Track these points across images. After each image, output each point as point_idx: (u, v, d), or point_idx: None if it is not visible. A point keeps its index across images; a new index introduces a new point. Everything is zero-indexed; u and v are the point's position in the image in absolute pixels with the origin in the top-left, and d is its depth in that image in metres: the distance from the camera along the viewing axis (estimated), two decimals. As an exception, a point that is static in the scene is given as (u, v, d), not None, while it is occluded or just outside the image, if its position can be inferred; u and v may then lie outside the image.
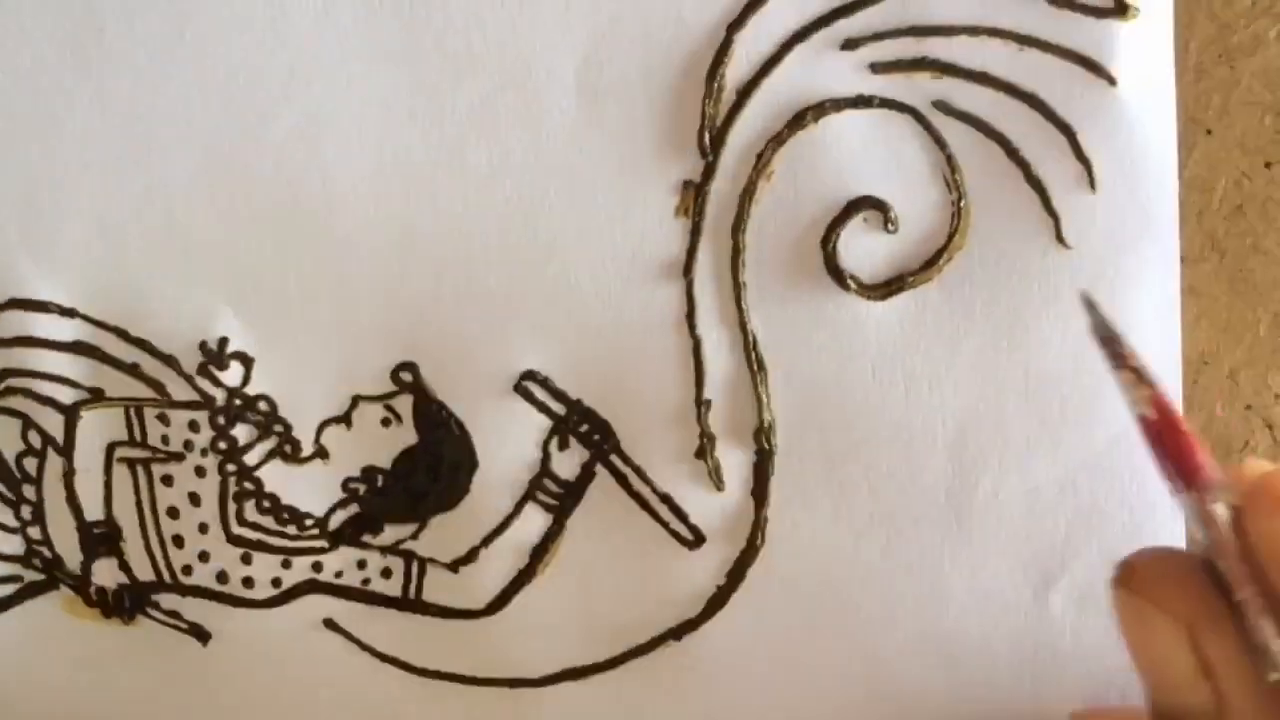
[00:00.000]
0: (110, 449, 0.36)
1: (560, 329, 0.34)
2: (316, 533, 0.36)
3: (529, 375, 0.34)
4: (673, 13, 0.31)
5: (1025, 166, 0.31)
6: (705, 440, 0.34)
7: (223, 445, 0.36)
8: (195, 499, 0.36)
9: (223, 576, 0.37)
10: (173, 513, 0.37)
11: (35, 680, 0.39)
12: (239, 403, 0.35)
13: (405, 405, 0.35)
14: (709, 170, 0.32)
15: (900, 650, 0.35)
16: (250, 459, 0.36)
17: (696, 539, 0.35)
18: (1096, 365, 0.31)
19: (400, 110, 0.33)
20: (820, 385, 0.33)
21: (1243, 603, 0.24)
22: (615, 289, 0.33)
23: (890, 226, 0.32)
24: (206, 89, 0.33)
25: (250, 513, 0.36)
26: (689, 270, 0.33)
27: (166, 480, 0.36)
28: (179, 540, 0.37)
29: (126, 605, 0.37)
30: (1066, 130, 0.31)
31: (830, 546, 0.34)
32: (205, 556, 0.37)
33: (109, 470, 0.36)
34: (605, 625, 0.36)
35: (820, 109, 0.32)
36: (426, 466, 0.35)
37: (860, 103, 0.32)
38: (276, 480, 0.36)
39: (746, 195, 0.32)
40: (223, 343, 0.35)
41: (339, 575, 0.37)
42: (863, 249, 0.32)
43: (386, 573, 0.36)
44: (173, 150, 0.34)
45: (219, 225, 0.34)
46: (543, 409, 0.34)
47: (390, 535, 0.36)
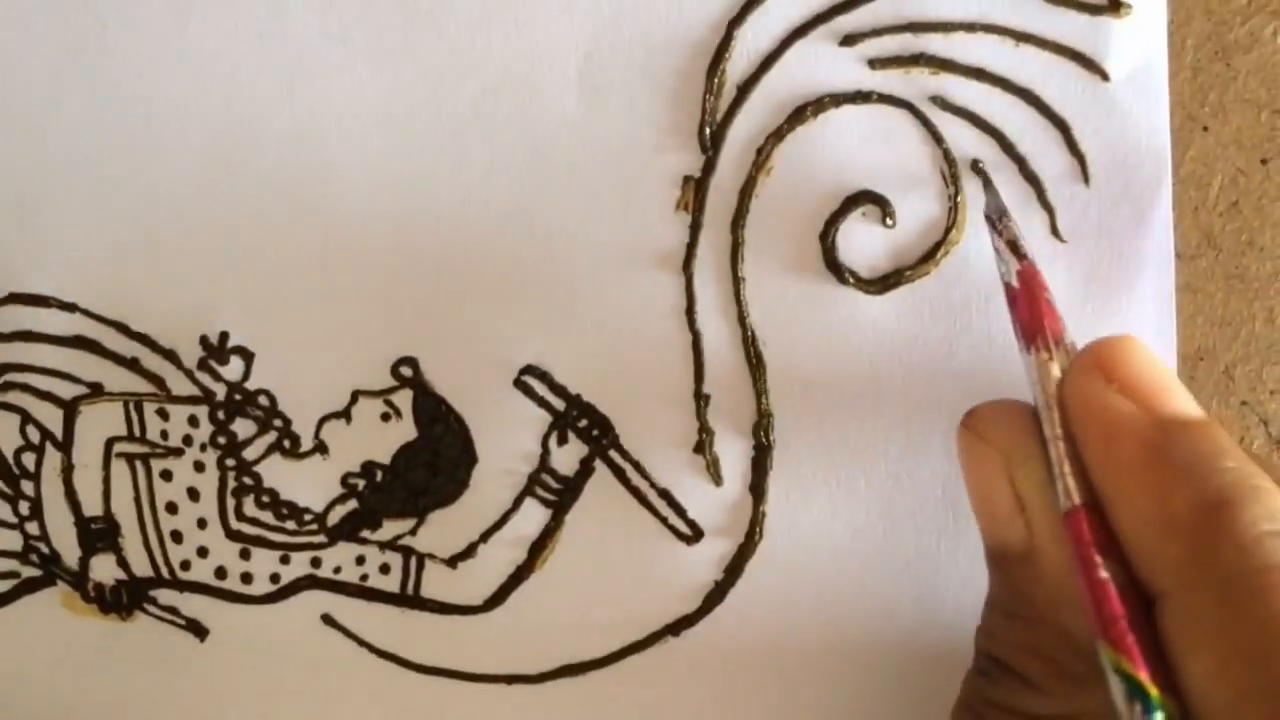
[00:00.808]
0: (109, 444, 0.36)
1: (560, 324, 0.34)
2: (315, 528, 0.36)
3: (528, 370, 0.34)
4: (674, 9, 0.32)
5: (1021, 161, 0.32)
6: (704, 435, 0.34)
7: (222, 440, 0.36)
8: (194, 494, 0.36)
9: (221, 572, 0.37)
10: (171, 508, 0.37)
11: (32, 676, 0.39)
12: (239, 398, 0.36)
13: (405, 400, 0.35)
14: (709, 165, 0.33)
15: (897, 645, 0.35)
16: (249, 454, 0.36)
17: (695, 534, 0.35)
18: None
19: (401, 105, 0.33)
20: (819, 379, 0.33)
21: (1048, 441, 0.27)
22: (615, 283, 0.33)
23: (888, 221, 0.32)
24: (207, 84, 0.33)
25: (249, 508, 0.36)
26: (688, 264, 0.33)
27: (165, 475, 0.36)
28: (177, 536, 0.37)
29: (124, 601, 0.37)
30: (1061, 125, 0.31)
31: (828, 541, 0.34)
32: (204, 552, 0.37)
33: (108, 465, 0.36)
34: (603, 621, 0.36)
35: (819, 104, 0.32)
36: (426, 462, 0.35)
37: (859, 98, 0.32)
38: (276, 475, 0.36)
39: (746, 190, 0.33)
40: (223, 337, 0.35)
41: (337, 571, 0.37)
42: (861, 243, 0.33)
43: (385, 568, 0.36)
44: (174, 146, 0.34)
45: (220, 220, 0.34)
46: (542, 404, 0.35)
47: (389, 531, 0.36)
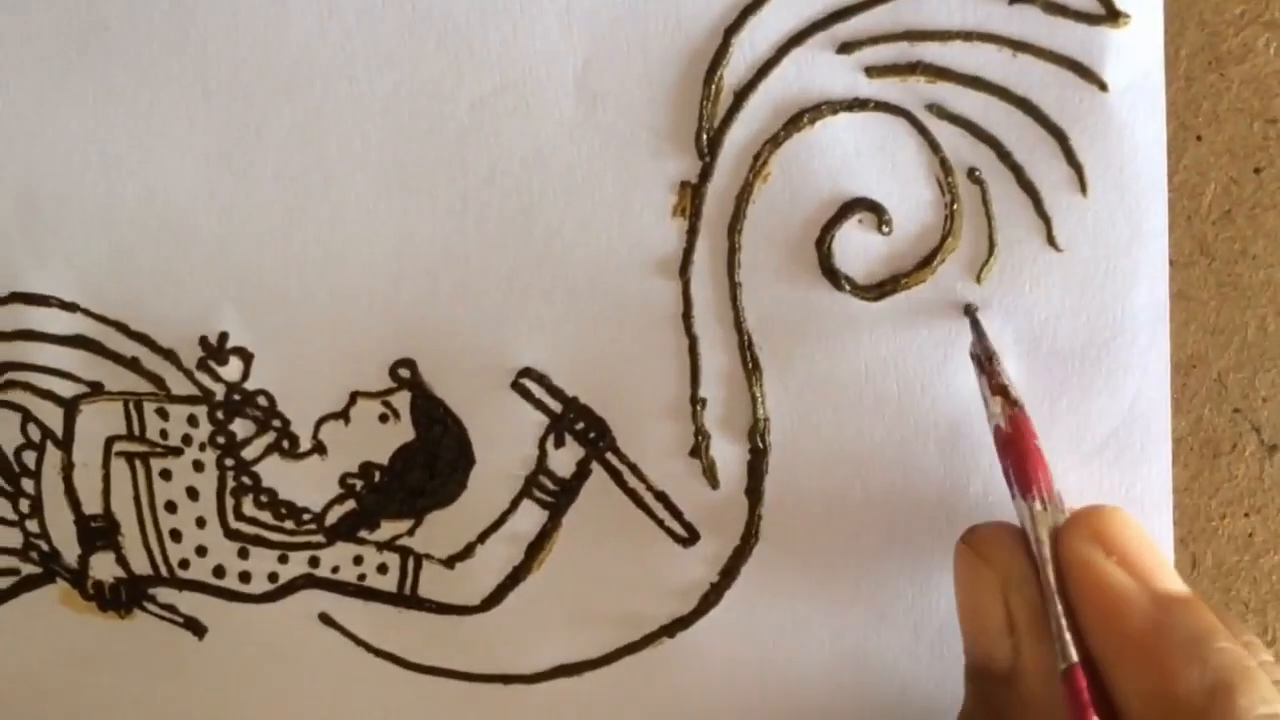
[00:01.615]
0: (109, 443, 0.36)
1: (558, 327, 0.34)
2: (313, 528, 0.36)
3: (526, 373, 0.34)
4: (671, 16, 0.32)
5: (1018, 170, 0.32)
6: (700, 438, 0.34)
7: (221, 440, 0.36)
8: (193, 493, 0.37)
9: (220, 571, 0.37)
10: (170, 507, 0.37)
11: (32, 673, 0.39)
12: (238, 398, 0.36)
13: (403, 402, 0.35)
14: (706, 171, 0.33)
15: (891, 648, 0.35)
16: (248, 454, 0.36)
17: (691, 536, 0.35)
18: (1084, 369, 0.32)
19: (401, 110, 0.33)
20: (814, 385, 0.34)
21: (1045, 597, 0.28)
22: (612, 287, 0.34)
23: (885, 228, 0.32)
24: (209, 87, 0.34)
25: (248, 507, 0.37)
26: (685, 270, 0.33)
27: (165, 474, 0.37)
28: (176, 534, 0.37)
29: (123, 599, 0.38)
30: (1058, 135, 0.31)
31: (823, 545, 0.34)
32: (202, 551, 0.37)
33: (107, 464, 0.37)
34: (599, 622, 0.36)
35: (816, 111, 0.32)
36: (424, 463, 0.35)
37: (856, 105, 0.32)
38: (274, 475, 0.36)
39: (743, 196, 0.33)
40: (222, 338, 0.35)
41: (335, 570, 0.37)
42: (857, 250, 0.33)
43: (383, 568, 0.37)
44: (175, 147, 0.34)
45: (220, 221, 0.34)
46: (539, 406, 0.35)
47: (387, 531, 0.36)
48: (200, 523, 0.37)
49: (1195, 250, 0.33)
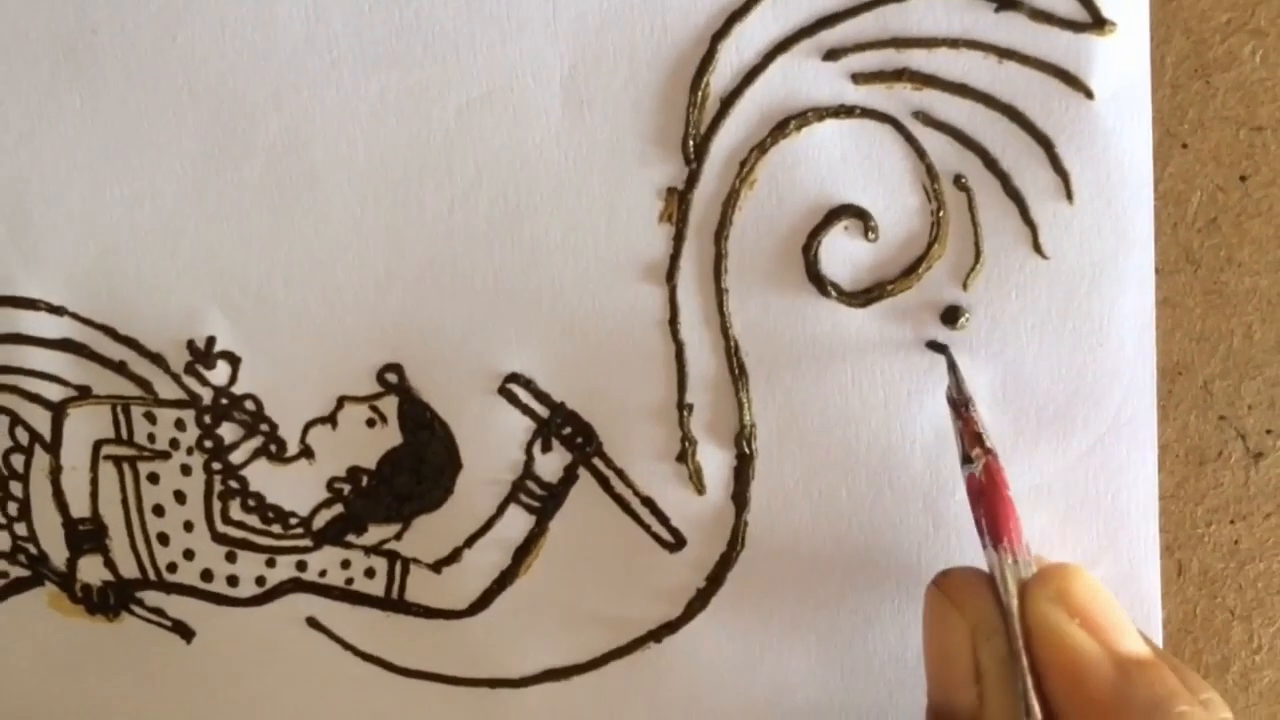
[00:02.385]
0: (97, 446, 0.36)
1: (545, 333, 0.34)
2: (301, 532, 0.37)
3: (513, 378, 0.34)
4: (658, 22, 0.32)
5: (1004, 177, 0.32)
6: (687, 444, 0.34)
7: (209, 444, 0.36)
8: (181, 497, 0.37)
9: (207, 575, 0.37)
10: (158, 510, 0.37)
11: (20, 675, 0.39)
12: (225, 402, 0.36)
13: (390, 406, 0.35)
14: (693, 177, 0.33)
15: (879, 651, 0.35)
16: (236, 458, 0.36)
17: (677, 541, 0.35)
18: (1070, 376, 0.32)
19: (388, 115, 0.33)
20: (801, 391, 0.34)
21: (1014, 653, 0.28)
22: (599, 293, 0.34)
23: (871, 235, 0.32)
24: (196, 91, 0.34)
25: (235, 511, 0.37)
26: (672, 275, 0.33)
27: (152, 478, 0.37)
28: (164, 538, 0.37)
29: (111, 602, 0.38)
30: (1045, 142, 0.31)
31: (809, 550, 0.34)
32: (190, 554, 0.37)
33: (95, 467, 0.37)
34: (586, 626, 0.36)
35: (803, 118, 0.32)
36: (411, 467, 0.35)
37: (842, 112, 0.32)
38: (262, 479, 0.36)
39: (729, 202, 0.33)
40: (210, 342, 0.35)
41: (323, 574, 0.37)
42: (843, 256, 0.33)
43: (370, 572, 0.37)
44: (163, 152, 0.34)
45: (208, 226, 0.34)
46: (526, 411, 0.35)
47: (374, 535, 0.36)
48: (188, 526, 0.37)
49: (1181, 258, 0.33)
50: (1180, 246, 0.33)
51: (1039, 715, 0.28)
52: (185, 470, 0.36)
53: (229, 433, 0.36)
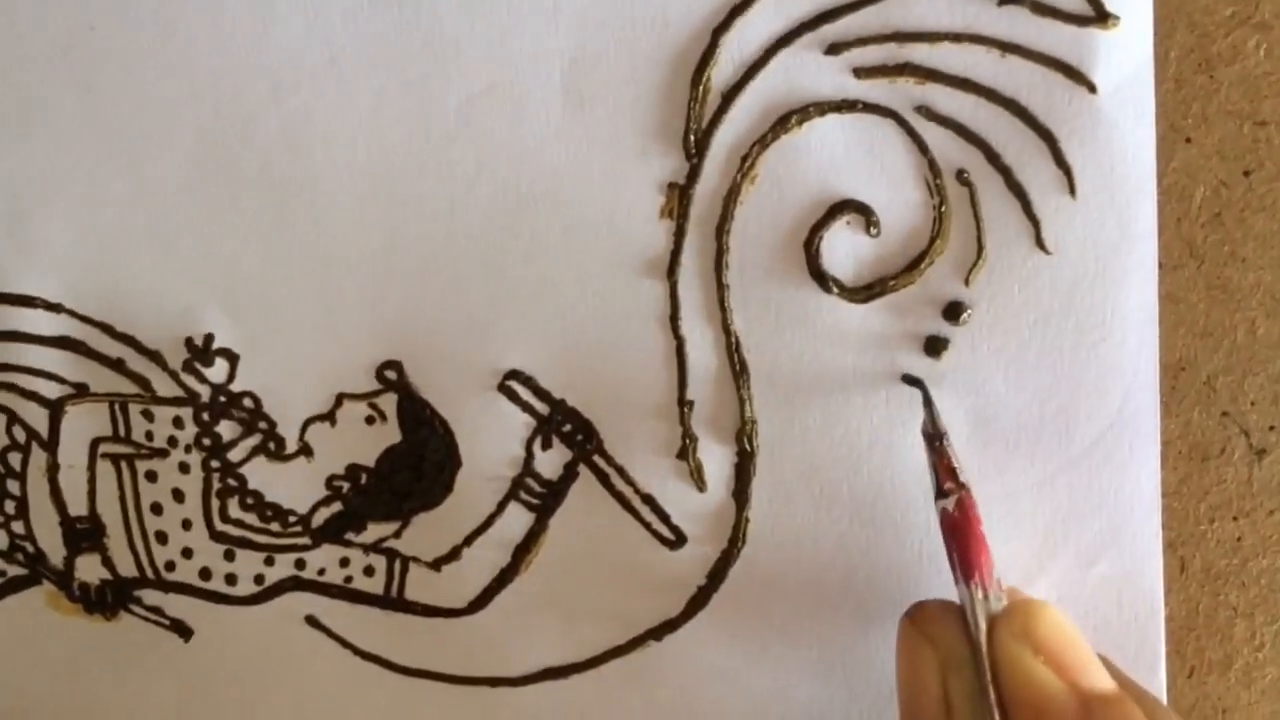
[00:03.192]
0: (94, 444, 0.36)
1: (545, 329, 0.34)
2: (300, 530, 0.36)
3: (513, 375, 0.34)
4: (658, 17, 0.32)
5: (1006, 172, 0.32)
6: (687, 440, 0.34)
7: (207, 442, 0.36)
8: (179, 495, 0.36)
9: (205, 573, 0.37)
10: (156, 509, 0.37)
11: (17, 675, 0.39)
12: (224, 399, 0.36)
13: (389, 404, 0.35)
14: (694, 172, 0.33)
15: (880, 650, 0.35)
16: (234, 456, 0.36)
17: (678, 539, 0.35)
18: (1073, 371, 0.32)
19: (387, 111, 0.33)
20: (802, 387, 0.33)
21: (982, 688, 0.29)
22: (600, 289, 0.34)
23: (872, 230, 0.32)
24: (195, 87, 0.33)
25: (234, 509, 0.36)
26: (673, 271, 0.33)
27: (150, 476, 0.36)
28: (162, 536, 0.37)
29: (109, 601, 0.37)
30: (1047, 137, 0.31)
31: (811, 547, 0.34)
32: (188, 553, 0.37)
33: (93, 466, 0.36)
34: (586, 624, 0.36)
35: (804, 113, 0.32)
36: (410, 465, 0.35)
37: (844, 107, 0.32)
38: (260, 477, 0.36)
39: (730, 197, 0.33)
40: (208, 339, 0.35)
41: (322, 573, 0.37)
42: (845, 252, 0.33)
43: (369, 571, 0.36)
44: (161, 148, 0.34)
45: (206, 223, 0.34)
46: (526, 408, 0.35)
47: (373, 533, 0.36)
48: (186, 525, 0.37)
49: (1184, 253, 0.33)
50: (1184, 241, 0.33)
51: None
52: (183, 468, 0.36)
53: (227, 430, 0.36)
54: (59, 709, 0.39)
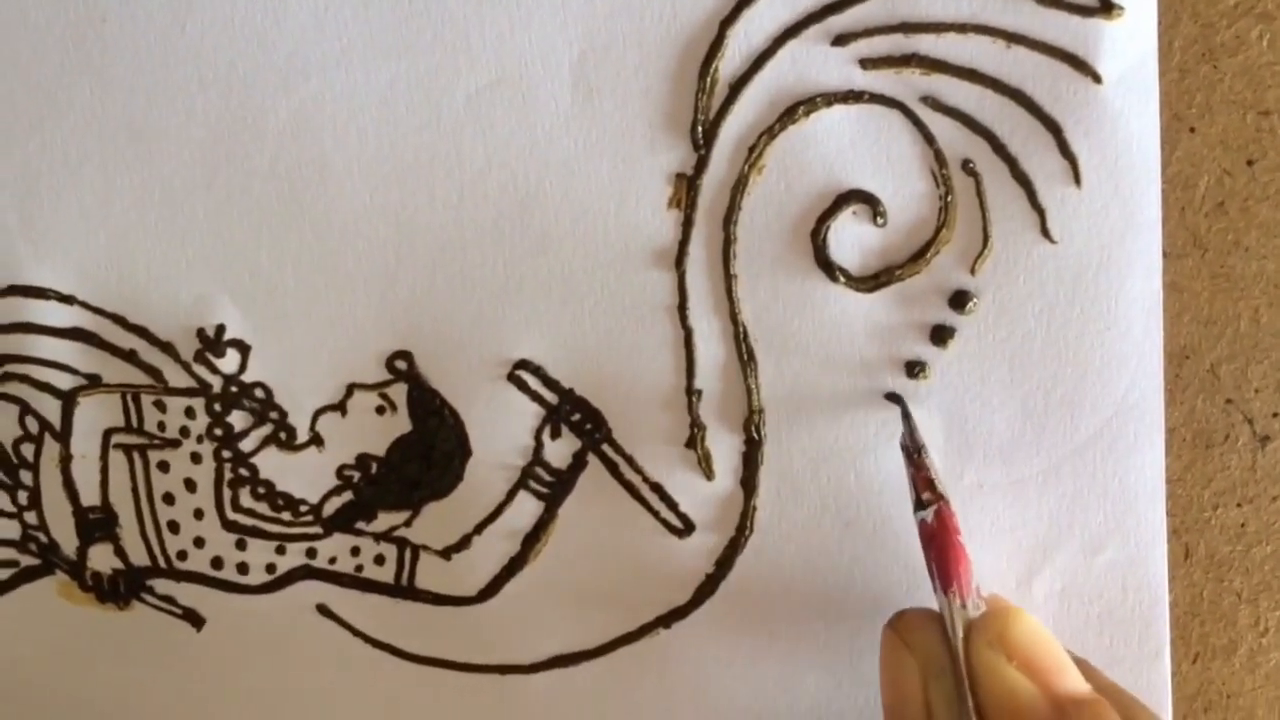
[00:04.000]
0: (107, 435, 0.36)
1: (554, 319, 0.34)
2: (311, 519, 0.37)
3: (522, 364, 0.35)
4: (667, 9, 0.32)
5: (1012, 162, 0.32)
6: (696, 429, 0.34)
7: (218, 432, 0.36)
8: (191, 485, 0.37)
9: (217, 562, 0.37)
10: (168, 499, 0.37)
11: (30, 663, 0.39)
12: (235, 390, 0.36)
13: (400, 394, 0.35)
14: (701, 163, 0.33)
15: (886, 638, 0.35)
16: (246, 446, 0.36)
17: (686, 527, 0.35)
18: (1078, 360, 0.32)
19: (398, 102, 0.33)
20: (809, 376, 0.34)
21: (960, 696, 0.30)
22: (608, 279, 0.34)
23: (879, 220, 0.32)
24: (206, 80, 0.34)
25: (245, 499, 0.37)
26: (681, 261, 0.33)
27: (162, 466, 0.37)
28: (174, 526, 0.37)
29: (121, 590, 0.38)
30: (1053, 126, 0.31)
31: (818, 535, 0.35)
32: (200, 542, 0.37)
33: (105, 456, 0.37)
34: (595, 612, 0.36)
35: (811, 103, 0.32)
36: (420, 454, 0.35)
37: (850, 97, 0.32)
38: (271, 467, 0.36)
39: (738, 188, 0.33)
40: (220, 330, 0.35)
41: (333, 561, 0.37)
42: (852, 241, 0.33)
43: (380, 559, 0.37)
44: (172, 140, 0.34)
45: (217, 214, 0.34)
46: (535, 398, 0.35)
47: (384, 522, 0.36)
48: (198, 514, 0.37)
49: (1188, 242, 0.33)
50: (1187, 230, 0.33)
51: None
52: (195, 458, 0.36)
53: (239, 420, 0.36)
54: (72, 698, 0.39)
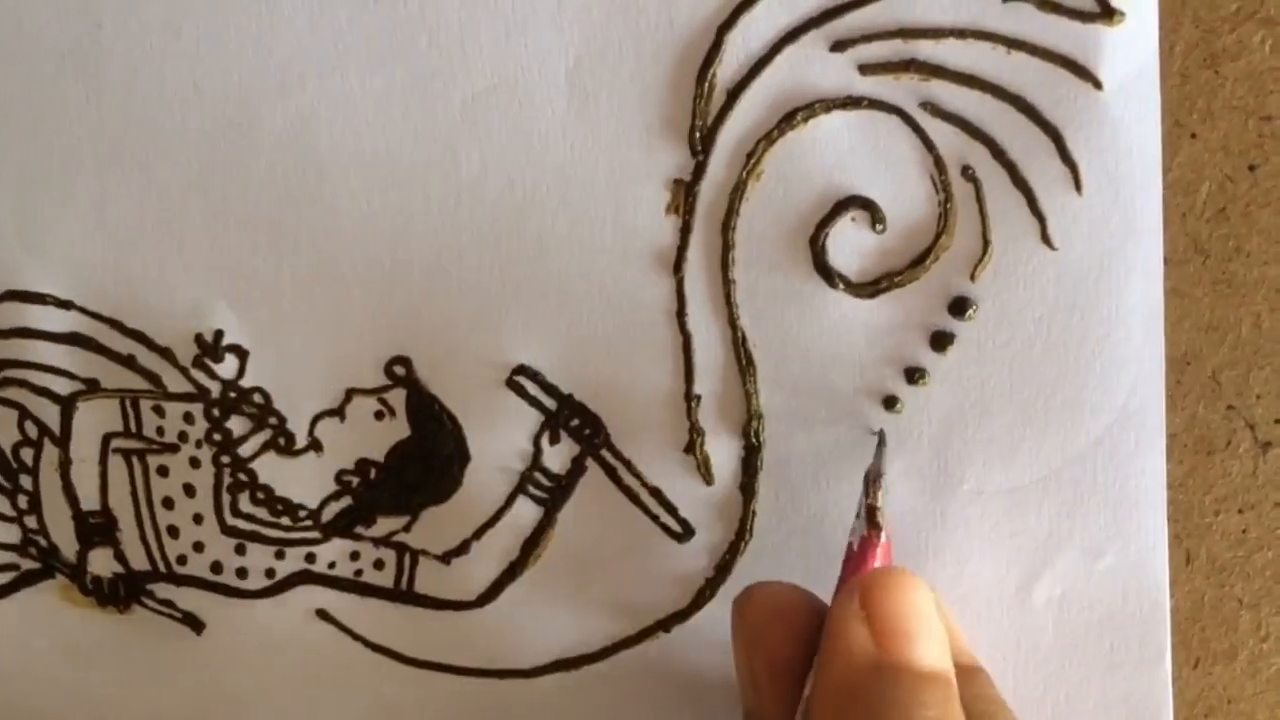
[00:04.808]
0: (106, 440, 0.37)
1: (552, 324, 0.34)
2: (310, 524, 0.37)
3: (521, 370, 0.34)
4: (664, 13, 0.32)
5: (1012, 168, 0.31)
6: (695, 434, 0.34)
7: (217, 437, 0.36)
8: (190, 490, 0.37)
9: (217, 567, 0.37)
10: (168, 503, 0.37)
11: (30, 668, 0.39)
12: (234, 395, 0.36)
13: (398, 399, 0.35)
14: (699, 169, 0.33)
15: (885, 643, 0.35)
16: (244, 451, 0.36)
17: (686, 532, 0.35)
18: (1078, 367, 0.32)
19: (394, 108, 0.33)
20: (808, 381, 0.34)
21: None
22: (606, 285, 0.34)
23: (878, 226, 0.32)
24: (202, 85, 0.33)
25: (244, 504, 0.37)
26: (679, 267, 0.33)
27: (162, 471, 0.37)
28: (174, 531, 0.37)
29: (121, 594, 0.38)
30: (1053, 133, 0.31)
31: (817, 540, 0.35)
32: (200, 547, 0.37)
33: (104, 461, 0.37)
34: (595, 616, 0.36)
35: (810, 109, 0.32)
36: (419, 459, 0.35)
37: (849, 103, 0.32)
38: (270, 472, 0.36)
39: (736, 194, 0.33)
40: (218, 335, 0.35)
41: (332, 566, 0.37)
42: (851, 248, 0.33)
43: (379, 564, 0.37)
44: (169, 145, 0.34)
45: (214, 220, 0.34)
46: (534, 403, 0.35)
47: (383, 527, 0.36)
48: (197, 519, 0.37)
49: (1189, 248, 0.33)
50: (1189, 236, 0.33)
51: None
52: (194, 463, 0.36)
53: (237, 426, 0.36)
54: (72, 702, 0.39)
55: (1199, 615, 0.35)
